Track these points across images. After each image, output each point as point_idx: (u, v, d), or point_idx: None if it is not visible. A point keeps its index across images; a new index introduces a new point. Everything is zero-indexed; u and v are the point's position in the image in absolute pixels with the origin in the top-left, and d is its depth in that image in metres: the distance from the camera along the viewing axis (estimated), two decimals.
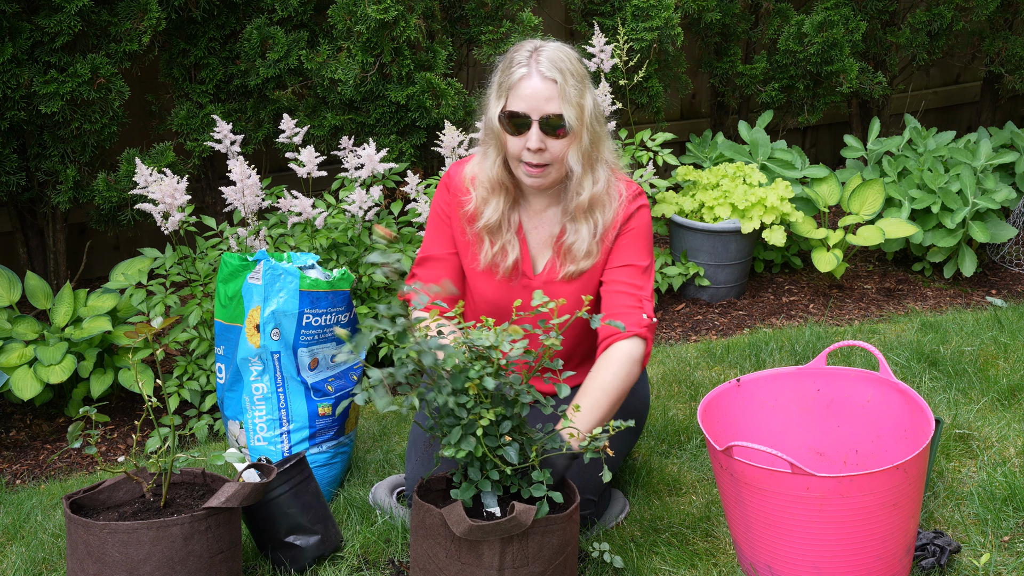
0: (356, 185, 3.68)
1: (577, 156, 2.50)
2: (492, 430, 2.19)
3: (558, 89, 2.44)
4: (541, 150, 2.47)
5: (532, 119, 2.45)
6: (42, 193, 3.92)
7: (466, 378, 2.14)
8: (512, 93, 2.46)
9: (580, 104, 2.47)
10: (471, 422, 2.17)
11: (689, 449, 3.08)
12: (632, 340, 2.53)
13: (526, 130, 2.46)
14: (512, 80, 2.46)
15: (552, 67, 2.44)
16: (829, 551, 2.30)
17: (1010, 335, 3.72)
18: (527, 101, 2.44)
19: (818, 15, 4.58)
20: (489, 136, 2.55)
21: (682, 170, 4.38)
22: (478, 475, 2.23)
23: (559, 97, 2.43)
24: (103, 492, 2.43)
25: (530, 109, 2.45)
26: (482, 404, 2.17)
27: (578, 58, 2.52)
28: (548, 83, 2.43)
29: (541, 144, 2.46)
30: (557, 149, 2.48)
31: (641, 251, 2.61)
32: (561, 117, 2.44)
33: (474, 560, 2.21)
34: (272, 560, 2.59)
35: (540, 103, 2.44)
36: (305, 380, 2.89)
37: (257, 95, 4.06)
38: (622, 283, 2.59)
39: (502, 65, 2.52)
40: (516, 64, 2.47)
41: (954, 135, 4.73)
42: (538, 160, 2.48)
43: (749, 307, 4.27)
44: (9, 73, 3.51)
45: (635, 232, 2.61)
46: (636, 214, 2.61)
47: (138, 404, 3.64)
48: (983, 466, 2.88)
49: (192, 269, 3.56)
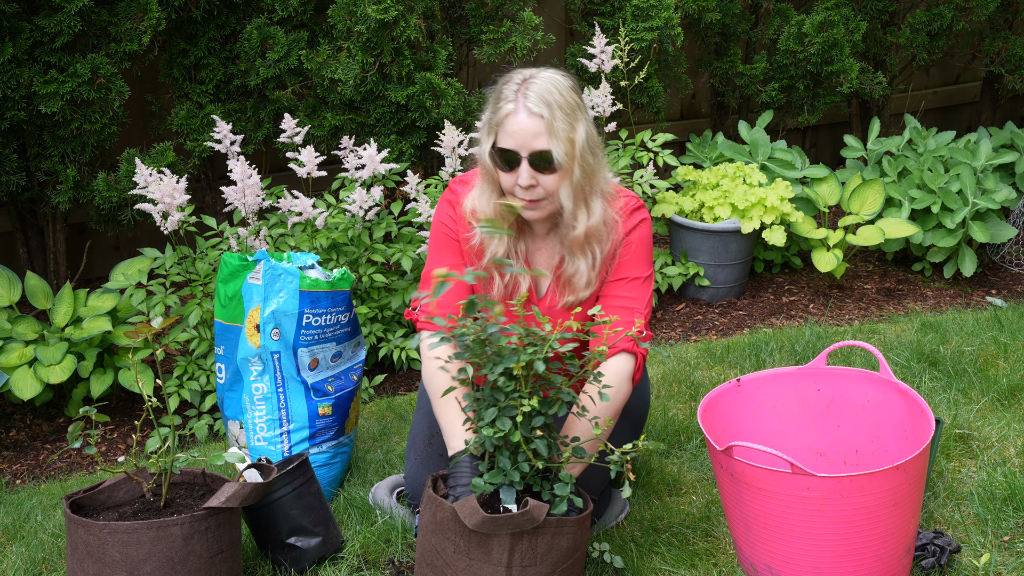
0: (356, 185, 3.68)
1: (568, 191, 2.45)
2: (526, 422, 2.20)
3: (545, 124, 2.38)
4: (533, 186, 2.43)
5: (521, 156, 2.40)
6: (42, 193, 3.92)
7: (516, 359, 2.15)
8: (500, 130, 2.42)
9: (570, 139, 2.41)
10: (510, 406, 2.18)
11: (689, 449, 3.08)
12: (621, 356, 2.51)
13: (517, 166, 2.42)
14: (499, 116, 2.42)
15: (540, 102, 2.39)
16: (829, 551, 2.30)
17: (1010, 335, 3.72)
18: (515, 138, 2.40)
19: (818, 15, 4.58)
20: (484, 171, 2.51)
21: (682, 170, 4.38)
22: (508, 464, 2.22)
23: (547, 133, 2.38)
24: (103, 492, 2.43)
25: (518, 146, 2.40)
26: (522, 394, 2.18)
27: (571, 87, 2.45)
28: (535, 119, 2.38)
29: (532, 180, 2.42)
30: (549, 184, 2.43)
31: (640, 263, 2.59)
32: (550, 153, 2.39)
33: (483, 556, 2.21)
34: (272, 561, 2.59)
35: (528, 139, 2.39)
36: (305, 380, 2.89)
37: (257, 95, 4.06)
38: (617, 296, 2.57)
39: (491, 99, 2.47)
40: (504, 99, 2.42)
41: (954, 135, 4.73)
42: (530, 196, 2.44)
43: (749, 307, 4.27)
44: (9, 73, 3.51)
45: (634, 246, 2.58)
46: (635, 229, 2.58)
47: (138, 404, 3.64)
48: (983, 466, 2.88)
49: (192, 269, 3.56)
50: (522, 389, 2.19)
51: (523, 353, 2.16)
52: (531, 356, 2.15)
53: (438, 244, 2.64)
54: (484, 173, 2.52)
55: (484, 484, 2.22)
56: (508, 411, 2.19)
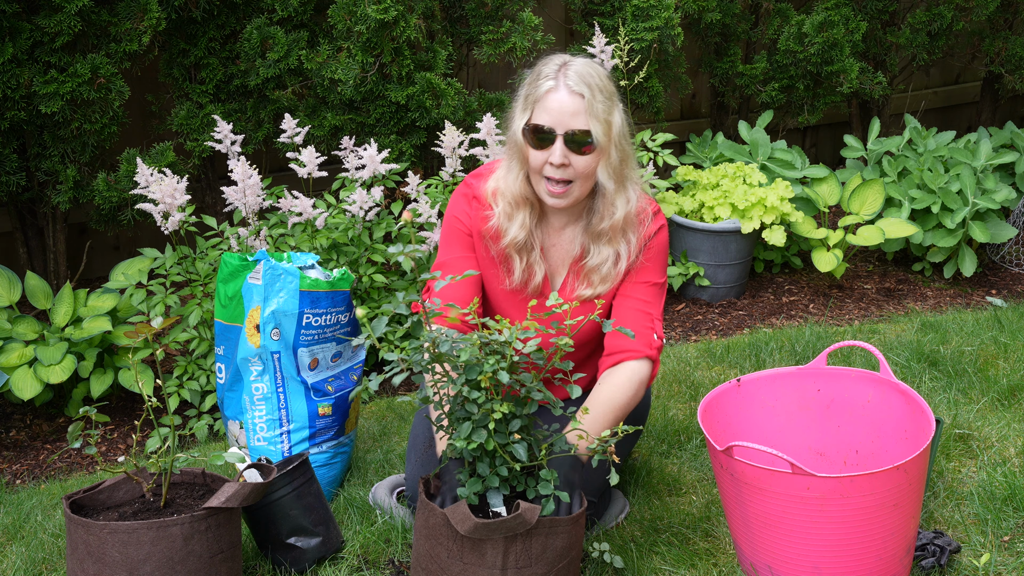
0: (357, 185, 3.68)
1: (608, 172, 2.46)
2: (502, 427, 2.20)
3: (585, 104, 2.39)
4: (564, 165, 2.42)
5: (557, 133, 2.41)
6: (42, 193, 3.92)
7: (479, 371, 2.14)
8: (538, 106, 2.42)
9: (608, 120, 2.43)
10: (483, 416, 2.17)
11: (689, 449, 3.08)
12: (641, 361, 2.53)
13: (549, 144, 2.42)
14: (539, 93, 2.42)
15: (580, 81, 2.40)
16: (829, 551, 2.30)
17: (1010, 335, 3.72)
18: (553, 115, 2.40)
19: (818, 15, 4.58)
20: (513, 150, 2.50)
21: (682, 170, 4.38)
22: (487, 471, 2.22)
23: (586, 112, 2.39)
24: (103, 492, 2.43)
25: (555, 123, 2.41)
26: (493, 400, 2.17)
27: (607, 75, 2.48)
28: (575, 97, 2.39)
29: (564, 159, 2.41)
30: (581, 165, 2.43)
31: (658, 269, 2.61)
32: (588, 133, 2.40)
33: (477, 559, 2.21)
34: (272, 561, 2.59)
35: (566, 118, 2.40)
36: (305, 380, 2.89)
37: (257, 95, 4.06)
38: (637, 299, 2.58)
39: (530, 78, 2.48)
40: (544, 77, 2.43)
41: (954, 135, 4.73)
42: (561, 175, 2.43)
43: (749, 307, 4.27)
44: (9, 73, 3.51)
45: (655, 251, 2.59)
46: (658, 233, 2.59)
47: (138, 404, 3.64)
48: (983, 466, 2.88)
49: (192, 269, 3.56)
50: (494, 396, 2.18)
51: (486, 364, 2.14)
52: (494, 367, 2.13)
53: (449, 237, 2.64)
54: (513, 152, 2.51)
55: (467, 493, 2.23)
56: (482, 420, 2.18)
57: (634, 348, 2.53)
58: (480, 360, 2.15)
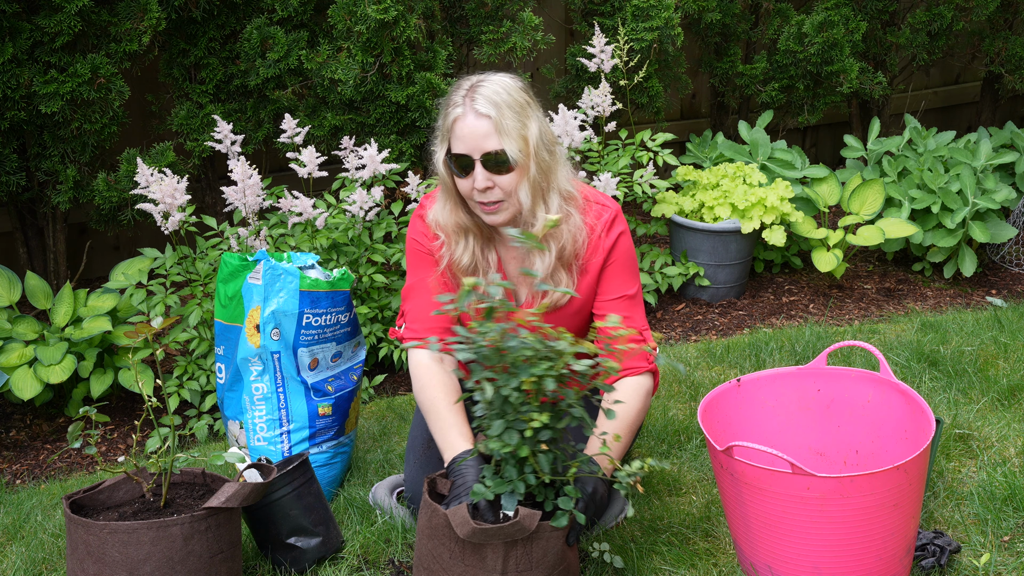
0: (357, 185, 3.68)
1: (527, 189, 2.44)
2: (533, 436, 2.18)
3: (494, 124, 2.38)
4: (489, 188, 2.42)
5: (474, 158, 2.40)
6: (42, 193, 3.92)
7: (529, 372, 2.13)
8: (452, 135, 2.42)
9: (522, 136, 2.41)
10: (519, 420, 2.16)
11: (689, 449, 3.08)
12: (645, 375, 2.57)
13: (471, 170, 2.42)
14: (449, 122, 2.42)
15: (487, 103, 2.39)
16: (829, 551, 2.30)
17: (1010, 335, 3.72)
18: (466, 141, 2.40)
19: (818, 15, 4.58)
20: (442, 182, 2.51)
21: (682, 170, 4.38)
22: (514, 475, 2.21)
23: (496, 132, 2.38)
24: (103, 492, 2.43)
25: (470, 149, 2.40)
26: (532, 407, 2.16)
27: (520, 87, 2.45)
28: (483, 120, 2.38)
29: (488, 182, 2.41)
30: (506, 184, 2.42)
31: (629, 279, 2.60)
32: (503, 153, 2.39)
33: (477, 562, 2.21)
34: (272, 561, 2.59)
35: (479, 141, 2.39)
36: (305, 380, 2.89)
37: (257, 95, 4.06)
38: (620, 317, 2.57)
39: (442, 108, 2.48)
40: (452, 105, 2.43)
41: (954, 135, 4.73)
42: (488, 198, 2.43)
43: (749, 307, 4.27)
44: (9, 73, 3.51)
45: (620, 262, 2.58)
46: (617, 243, 2.57)
47: (138, 404, 3.64)
48: (983, 466, 2.88)
49: (192, 269, 3.56)
50: (532, 403, 2.17)
51: (536, 367, 2.13)
52: (544, 372, 2.12)
53: (414, 260, 2.64)
54: (443, 184, 2.51)
55: (485, 490, 2.21)
56: (517, 424, 2.16)
57: (634, 365, 2.56)
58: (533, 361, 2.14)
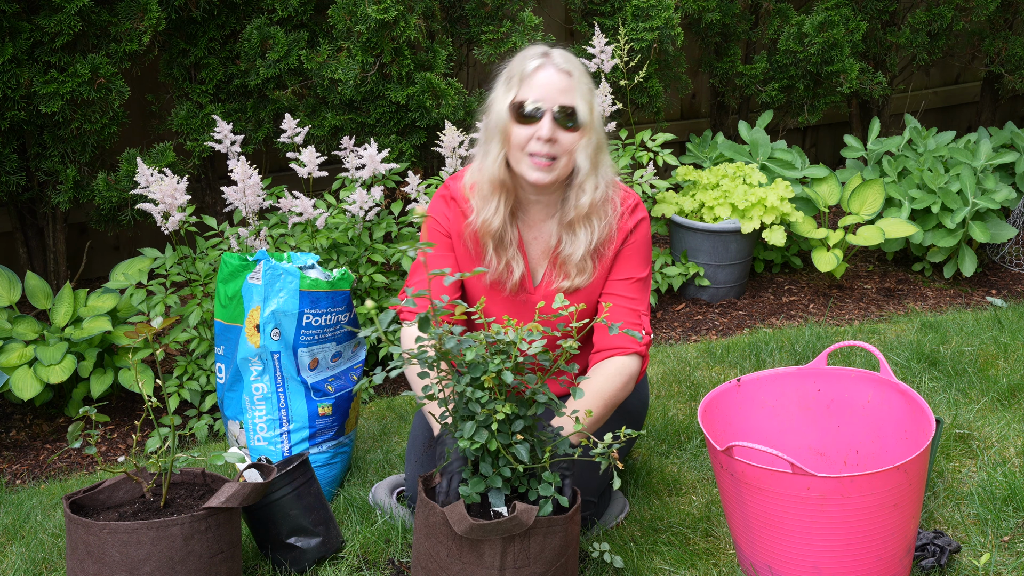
0: (357, 185, 3.68)
1: (586, 153, 2.48)
2: (504, 428, 2.19)
3: (573, 82, 2.44)
4: (552, 140, 2.43)
5: (545, 108, 2.43)
6: (42, 193, 3.92)
7: (484, 370, 2.14)
8: (525, 83, 2.44)
9: (590, 102, 2.47)
10: (486, 416, 2.17)
11: (689, 449, 3.08)
12: (631, 356, 2.55)
13: (537, 120, 2.43)
14: (526, 71, 2.44)
15: (566, 62, 2.46)
16: (829, 551, 2.30)
17: (1010, 335, 3.72)
18: (542, 90, 2.43)
19: (818, 15, 4.58)
20: (492, 133, 2.51)
21: (682, 170, 4.38)
22: (490, 471, 2.22)
23: (573, 89, 2.44)
24: (103, 492, 2.43)
25: (544, 98, 2.43)
26: (496, 400, 2.17)
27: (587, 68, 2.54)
28: (563, 75, 2.43)
29: (552, 135, 2.43)
30: (567, 142, 2.45)
31: (641, 263, 2.62)
32: (575, 110, 2.43)
33: (475, 559, 2.21)
34: (272, 561, 2.59)
35: (555, 93, 2.43)
36: (305, 380, 2.89)
37: (257, 95, 4.06)
38: (623, 296, 2.59)
39: (512, 62, 2.50)
40: (529, 58, 2.47)
41: (954, 135, 4.73)
42: (548, 150, 2.44)
43: (749, 307, 4.27)
44: (9, 73, 3.51)
45: (636, 245, 2.61)
46: (638, 227, 2.60)
47: (138, 404, 3.64)
48: (983, 466, 2.88)
49: (192, 269, 3.56)
50: (498, 396, 2.18)
51: (490, 363, 2.14)
52: (499, 367, 2.13)
53: (428, 238, 2.66)
54: (492, 134, 2.51)
55: (469, 492, 2.23)
56: (485, 420, 2.17)
57: (623, 345, 2.55)
58: (485, 359, 2.15)
